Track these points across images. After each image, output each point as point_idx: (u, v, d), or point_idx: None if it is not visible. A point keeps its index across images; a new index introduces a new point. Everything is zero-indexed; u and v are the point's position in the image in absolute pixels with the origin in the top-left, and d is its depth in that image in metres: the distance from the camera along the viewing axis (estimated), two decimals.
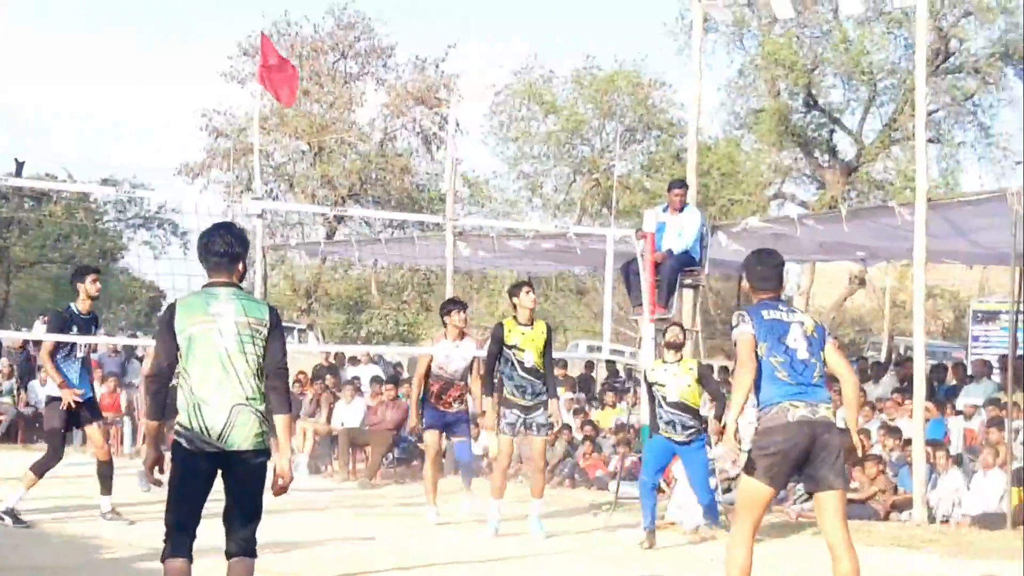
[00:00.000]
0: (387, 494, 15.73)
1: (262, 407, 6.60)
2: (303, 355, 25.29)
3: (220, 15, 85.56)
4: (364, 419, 18.50)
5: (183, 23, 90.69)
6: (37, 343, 22.80)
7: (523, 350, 11.88)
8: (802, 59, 35.24)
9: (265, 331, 6.63)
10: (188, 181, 41.36)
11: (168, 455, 6.67)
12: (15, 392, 21.63)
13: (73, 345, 11.89)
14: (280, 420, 6.71)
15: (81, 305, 11.96)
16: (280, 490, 6.70)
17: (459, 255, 20.31)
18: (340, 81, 42.16)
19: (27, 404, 21.46)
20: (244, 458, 6.54)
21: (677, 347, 11.79)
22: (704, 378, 11.88)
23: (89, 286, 11.98)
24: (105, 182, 41.49)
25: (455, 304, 13.30)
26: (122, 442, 20.65)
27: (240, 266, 6.79)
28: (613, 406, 19.75)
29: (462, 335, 12.98)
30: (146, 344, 15.24)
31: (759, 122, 37.26)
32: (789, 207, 38.31)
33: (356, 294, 43.76)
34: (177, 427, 6.57)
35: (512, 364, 11.88)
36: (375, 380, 19.90)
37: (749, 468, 7.23)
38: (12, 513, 11.55)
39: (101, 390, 20.94)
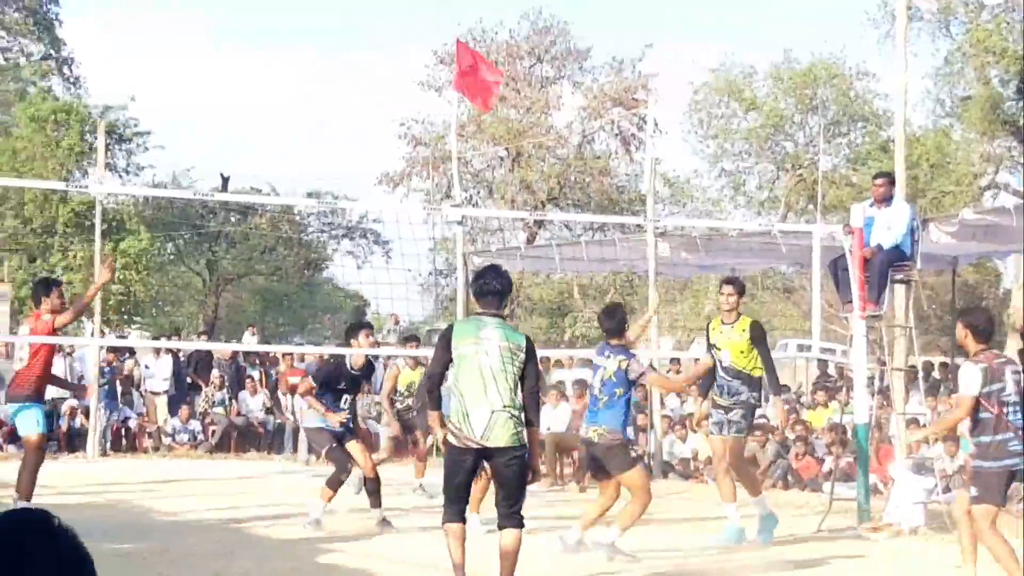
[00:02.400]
0: (595, 498, 15.53)
1: (518, 412, 8.06)
2: None
3: (416, 24, 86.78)
4: (570, 424, 18.37)
5: (380, 33, 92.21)
6: (247, 354, 23.47)
7: (720, 349, 11.74)
8: (1013, 45, 34.04)
9: (523, 355, 8.16)
10: (388, 190, 41.94)
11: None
12: (227, 402, 22.10)
13: (338, 397, 12.21)
14: (530, 431, 8.22)
15: (355, 360, 12.36)
16: (532, 479, 8.38)
17: (661, 256, 20.06)
18: (536, 85, 42.25)
19: (239, 414, 21.91)
20: (504, 452, 8.03)
21: None
22: None
23: (363, 341, 12.40)
24: (309, 194, 42.30)
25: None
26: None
27: (504, 301, 8.50)
28: (825, 405, 19.33)
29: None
30: (350, 352, 15.34)
31: (968, 110, 36.15)
32: (1004, 197, 37.03)
33: (558, 298, 43.76)
34: (450, 426, 8.09)
35: (715, 363, 11.74)
36: (579, 384, 19.74)
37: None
38: (316, 523, 11.89)
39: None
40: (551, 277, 42.32)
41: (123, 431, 21.71)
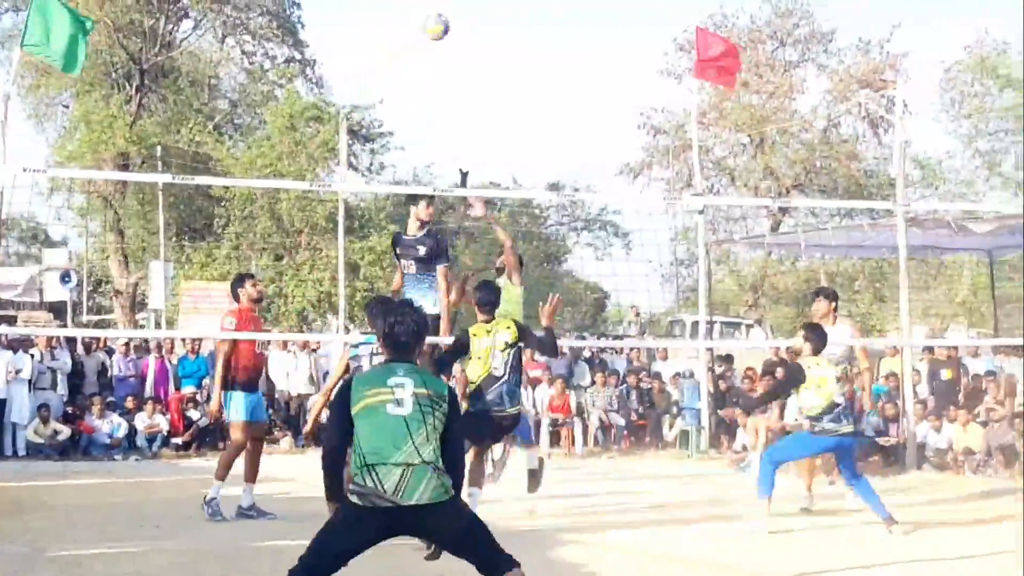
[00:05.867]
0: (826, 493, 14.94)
1: (440, 466, 6.63)
2: (750, 351, 24.75)
3: (656, 11, 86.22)
4: None
5: (620, 21, 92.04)
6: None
7: None
8: None
9: (445, 405, 6.74)
10: (629, 181, 41.69)
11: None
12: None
13: None
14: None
15: None
16: None
17: (913, 241, 19.27)
18: (780, 70, 41.45)
19: None
20: (429, 511, 6.55)
21: None
22: None
23: None
24: (552, 187, 42.39)
25: None
26: (573, 444, 20.74)
27: (420, 348, 7.06)
28: None
29: None
30: (591, 345, 15.10)
31: None
32: None
33: (804, 286, 42.85)
34: (353, 486, 6.59)
35: None
36: None
37: None
38: None
39: (550, 392, 21.15)
40: (796, 265, 41.47)
41: None
